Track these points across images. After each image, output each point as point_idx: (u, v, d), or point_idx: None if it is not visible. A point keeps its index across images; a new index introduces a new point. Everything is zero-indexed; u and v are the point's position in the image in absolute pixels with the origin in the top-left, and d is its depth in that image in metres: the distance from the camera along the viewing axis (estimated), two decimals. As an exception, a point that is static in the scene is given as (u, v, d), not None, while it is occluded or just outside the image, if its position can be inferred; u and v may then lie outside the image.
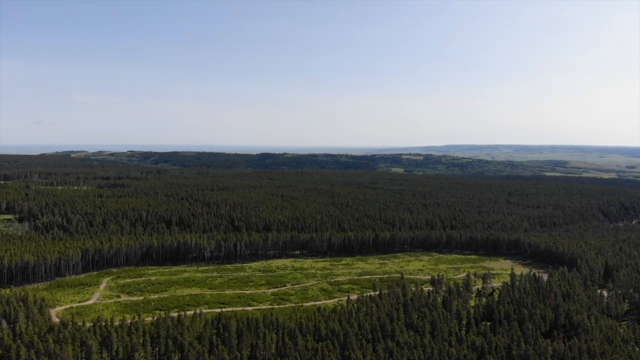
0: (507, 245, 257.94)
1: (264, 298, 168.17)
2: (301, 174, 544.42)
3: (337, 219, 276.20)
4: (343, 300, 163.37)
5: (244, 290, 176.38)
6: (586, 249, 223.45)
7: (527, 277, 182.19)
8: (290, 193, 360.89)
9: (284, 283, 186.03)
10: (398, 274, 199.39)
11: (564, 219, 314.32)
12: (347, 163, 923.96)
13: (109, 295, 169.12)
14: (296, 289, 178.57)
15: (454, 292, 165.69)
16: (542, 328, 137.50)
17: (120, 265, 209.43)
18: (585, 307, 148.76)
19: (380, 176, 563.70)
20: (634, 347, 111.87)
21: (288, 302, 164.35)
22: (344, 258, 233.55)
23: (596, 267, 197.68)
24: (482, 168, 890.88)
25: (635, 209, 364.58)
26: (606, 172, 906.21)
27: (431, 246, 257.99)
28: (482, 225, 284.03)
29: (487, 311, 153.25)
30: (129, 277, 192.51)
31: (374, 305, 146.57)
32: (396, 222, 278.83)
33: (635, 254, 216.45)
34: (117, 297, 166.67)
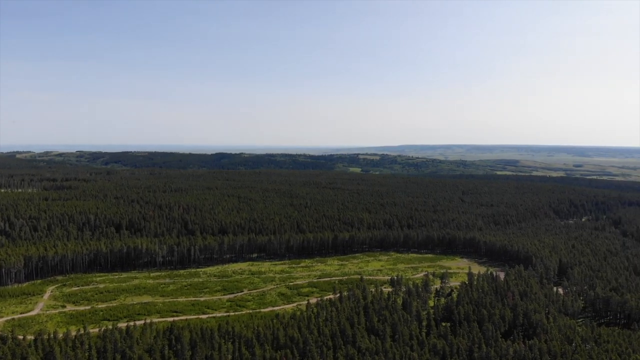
0: (463, 244, 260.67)
1: (219, 305, 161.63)
2: (258, 175, 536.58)
3: (295, 220, 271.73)
4: (302, 304, 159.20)
5: (198, 297, 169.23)
6: (540, 247, 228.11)
7: (485, 276, 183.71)
8: (247, 194, 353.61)
9: (240, 288, 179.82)
10: (357, 275, 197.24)
11: (516, 217, 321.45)
12: (305, 163, 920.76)
13: (54, 305, 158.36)
14: (253, 295, 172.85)
15: (413, 293, 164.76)
16: (501, 328, 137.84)
17: (66, 272, 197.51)
18: (543, 306, 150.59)
19: (339, 176, 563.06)
20: (593, 346, 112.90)
21: (245, 308, 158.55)
22: (303, 260, 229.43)
23: (551, 265, 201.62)
24: (436, 167, 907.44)
25: (584, 207, 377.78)
26: (555, 170, 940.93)
27: (389, 246, 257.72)
28: (438, 224, 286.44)
29: (446, 312, 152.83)
30: (75, 285, 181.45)
31: (334, 310, 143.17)
32: (355, 222, 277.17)
33: (587, 252, 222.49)
34: (62, 307, 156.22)
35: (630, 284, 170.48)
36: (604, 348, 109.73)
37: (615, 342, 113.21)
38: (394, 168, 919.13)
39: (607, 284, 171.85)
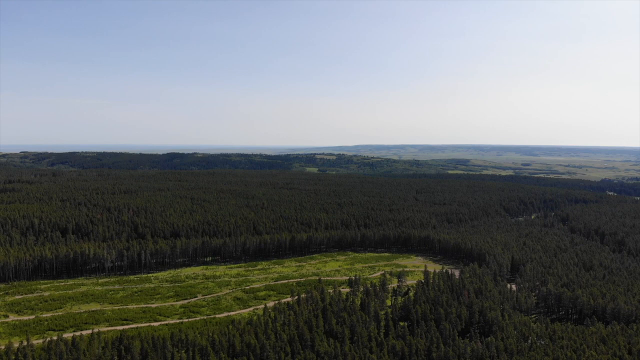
0: (418, 242, 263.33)
1: (172, 311, 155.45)
2: (213, 175, 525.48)
3: (252, 222, 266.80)
4: (259, 309, 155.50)
5: (150, 304, 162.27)
6: (493, 245, 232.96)
7: (440, 274, 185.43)
8: (201, 195, 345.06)
9: (194, 294, 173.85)
10: (316, 276, 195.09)
11: (469, 215, 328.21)
12: (261, 163, 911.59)
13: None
14: (208, 300, 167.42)
15: (371, 293, 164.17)
16: (458, 327, 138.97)
17: (8, 280, 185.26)
18: (498, 303, 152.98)
19: (296, 176, 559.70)
20: (548, 343, 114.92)
21: (199, 314, 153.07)
22: (260, 262, 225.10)
23: (504, 262, 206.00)
24: (391, 167, 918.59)
25: (533, 204, 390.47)
26: (504, 169, 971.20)
27: (347, 245, 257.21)
28: (394, 223, 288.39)
29: (404, 311, 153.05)
30: (18, 293, 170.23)
31: (292, 313, 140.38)
32: (312, 222, 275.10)
33: (538, 248, 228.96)
34: (4, 317, 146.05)
35: (580, 279, 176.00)
36: (559, 344, 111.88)
37: (570, 338, 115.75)
38: (350, 168, 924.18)
39: (558, 280, 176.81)
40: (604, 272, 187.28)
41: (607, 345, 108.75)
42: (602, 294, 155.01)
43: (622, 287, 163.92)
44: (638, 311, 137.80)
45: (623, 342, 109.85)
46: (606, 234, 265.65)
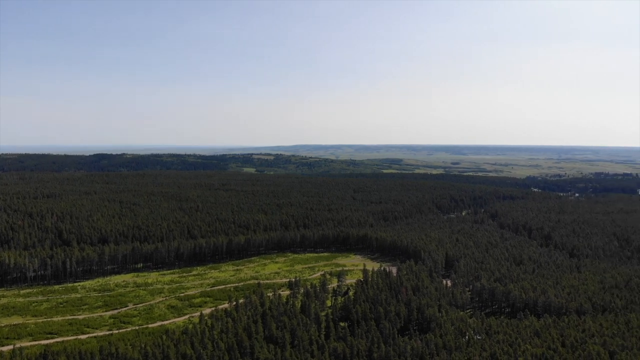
0: (356, 241, 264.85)
1: (101, 323, 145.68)
2: (143, 177, 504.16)
3: (185, 225, 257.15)
4: (195, 316, 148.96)
5: (77, 315, 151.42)
6: (427, 241, 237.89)
7: (379, 272, 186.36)
8: (131, 198, 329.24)
9: (124, 303, 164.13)
10: (254, 280, 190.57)
11: (404, 213, 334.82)
12: (195, 163, 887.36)
13: None
14: (140, 309, 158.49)
15: (311, 294, 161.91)
16: (397, 325, 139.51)
17: None
18: (435, 300, 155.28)
19: (232, 177, 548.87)
20: (485, 338, 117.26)
21: (130, 325, 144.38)
22: (195, 268, 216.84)
23: (438, 258, 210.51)
24: (328, 167, 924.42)
25: (463, 201, 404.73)
26: (435, 168, 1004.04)
27: (286, 247, 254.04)
28: (332, 222, 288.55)
29: (344, 311, 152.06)
30: None
31: (230, 320, 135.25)
32: (250, 224, 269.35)
33: (470, 244, 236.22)
34: None
35: (512, 273, 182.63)
36: (495, 339, 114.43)
37: (505, 332, 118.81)
38: (289, 168, 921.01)
39: (491, 274, 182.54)
40: (533, 266, 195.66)
41: (541, 338, 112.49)
42: (533, 288, 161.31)
43: (551, 280, 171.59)
44: (568, 304, 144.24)
45: (556, 335, 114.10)
46: (533, 229, 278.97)
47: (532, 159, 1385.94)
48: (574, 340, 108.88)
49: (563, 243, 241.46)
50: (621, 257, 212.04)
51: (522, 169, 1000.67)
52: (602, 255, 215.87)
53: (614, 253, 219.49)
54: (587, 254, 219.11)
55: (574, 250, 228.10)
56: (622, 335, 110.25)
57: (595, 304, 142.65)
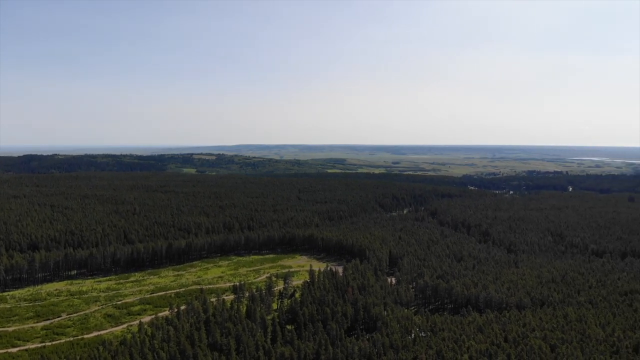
0: (302, 241, 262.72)
1: (32, 335, 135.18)
2: (76, 179, 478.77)
3: (122, 230, 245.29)
4: (134, 325, 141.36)
5: (6, 327, 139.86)
6: (372, 240, 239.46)
7: (325, 272, 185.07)
8: (63, 202, 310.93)
9: (58, 313, 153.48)
10: (197, 285, 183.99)
11: (348, 212, 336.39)
12: (132, 164, 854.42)
13: None
14: (74, 319, 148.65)
15: (257, 298, 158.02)
16: (344, 325, 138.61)
17: None
18: (381, 298, 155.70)
19: (171, 178, 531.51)
20: (430, 335, 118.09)
21: (64, 336, 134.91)
22: (133, 274, 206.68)
23: (383, 256, 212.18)
24: (273, 167, 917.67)
25: (404, 200, 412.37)
26: (377, 167, 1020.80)
27: (230, 249, 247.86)
28: (278, 223, 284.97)
29: (291, 314, 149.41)
30: None
31: (172, 328, 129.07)
32: (192, 227, 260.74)
33: (413, 242, 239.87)
34: None
35: (453, 270, 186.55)
36: (441, 336, 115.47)
37: (450, 329, 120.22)
38: (232, 168, 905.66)
39: (433, 271, 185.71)
40: (473, 262, 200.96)
41: (484, 334, 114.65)
42: (474, 284, 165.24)
43: (491, 276, 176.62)
44: (508, 299, 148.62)
45: (499, 330, 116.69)
46: (472, 225, 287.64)
47: (468, 158, 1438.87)
48: (516, 335, 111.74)
49: (500, 239, 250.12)
50: (556, 252, 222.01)
51: (458, 168, 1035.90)
52: (538, 251, 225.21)
53: (549, 248, 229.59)
54: (524, 249, 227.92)
55: (511, 246, 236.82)
56: (561, 328, 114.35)
57: (534, 298, 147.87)
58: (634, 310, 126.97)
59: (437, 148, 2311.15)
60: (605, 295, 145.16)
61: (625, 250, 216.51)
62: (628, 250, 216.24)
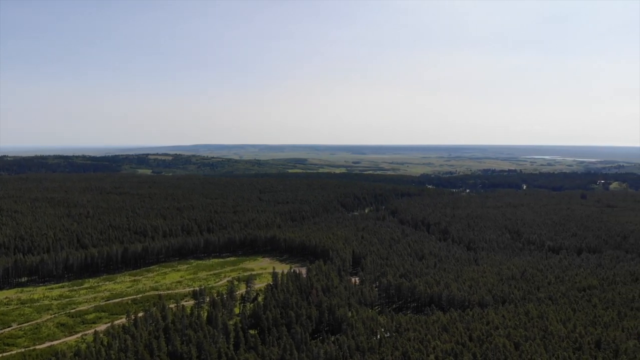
0: (264, 243, 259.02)
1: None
2: (26, 181, 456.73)
3: (75, 234, 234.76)
4: (89, 334, 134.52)
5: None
6: (335, 240, 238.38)
7: (289, 275, 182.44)
8: (11, 205, 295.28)
9: (7, 323, 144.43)
10: (155, 291, 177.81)
11: (311, 212, 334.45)
12: (84, 165, 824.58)
13: None
14: (25, 329, 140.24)
15: (218, 303, 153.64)
16: (309, 328, 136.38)
17: None
18: (345, 299, 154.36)
19: (126, 179, 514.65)
20: (396, 336, 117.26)
21: (15, 347, 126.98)
22: (87, 280, 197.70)
23: (346, 256, 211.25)
24: (232, 167, 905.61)
25: (365, 199, 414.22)
26: (338, 167, 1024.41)
27: (189, 253, 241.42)
28: (239, 225, 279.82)
29: (254, 318, 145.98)
30: None
31: (129, 337, 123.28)
32: (148, 230, 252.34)
33: (375, 241, 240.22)
34: None
35: (415, 269, 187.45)
36: (406, 337, 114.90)
37: (415, 329, 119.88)
38: (189, 168, 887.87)
39: (396, 270, 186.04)
40: (434, 261, 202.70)
41: (449, 333, 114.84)
42: (436, 282, 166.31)
43: (453, 274, 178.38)
44: (470, 297, 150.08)
45: (463, 329, 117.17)
46: (431, 224, 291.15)
47: (425, 158, 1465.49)
48: (480, 334, 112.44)
49: (460, 237, 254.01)
50: (514, 249, 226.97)
51: (416, 167, 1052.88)
52: (497, 248, 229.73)
53: (507, 245, 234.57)
54: (483, 246, 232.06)
55: (470, 243, 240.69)
56: (524, 326, 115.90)
57: (496, 295, 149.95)
58: (593, 305, 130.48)
59: (395, 148, 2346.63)
60: (564, 292, 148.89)
61: (581, 246, 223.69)
62: (583, 246, 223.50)
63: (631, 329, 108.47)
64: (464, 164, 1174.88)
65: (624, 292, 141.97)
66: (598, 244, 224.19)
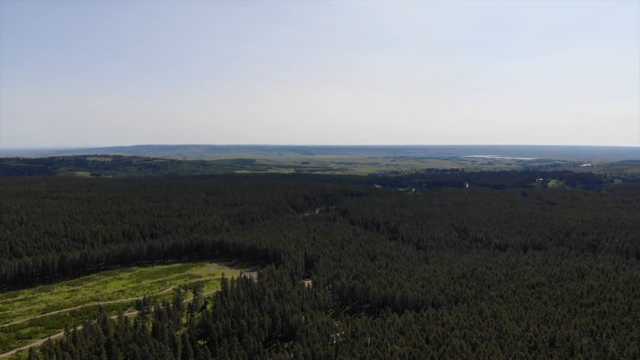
0: (212, 248, 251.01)
1: None
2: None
3: (7, 241, 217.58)
4: (24, 351, 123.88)
5: None
6: (286, 243, 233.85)
7: (239, 281, 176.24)
8: None
9: None
10: (95, 302, 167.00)
11: (260, 215, 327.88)
12: (18, 168, 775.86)
13: None
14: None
15: (164, 313, 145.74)
16: (262, 337, 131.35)
17: None
18: (299, 304, 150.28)
19: (63, 182, 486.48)
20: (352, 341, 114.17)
21: None
22: (21, 291, 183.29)
23: (298, 259, 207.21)
24: (176, 168, 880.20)
25: (315, 200, 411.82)
26: (286, 167, 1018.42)
27: (131, 260, 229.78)
28: (184, 229, 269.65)
29: (203, 328, 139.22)
30: None
31: (67, 354, 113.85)
32: (87, 237, 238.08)
33: (327, 242, 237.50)
34: None
35: (368, 269, 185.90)
36: (363, 342, 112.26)
37: (371, 333, 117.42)
38: (130, 170, 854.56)
39: (349, 272, 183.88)
40: (386, 261, 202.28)
41: (405, 336, 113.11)
42: (389, 283, 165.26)
43: (405, 273, 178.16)
44: (423, 297, 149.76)
45: (419, 331, 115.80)
46: (381, 223, 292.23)
47: (372, 158, 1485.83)
48: (437, 336, 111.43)
49: (409, 236, 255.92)
50: (462, 247, 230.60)
51: (364, 167, 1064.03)
52: (445, 246, 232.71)
53: (455, 243, 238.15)
54: (432, 245, 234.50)
55: (419, 242, 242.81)
56: (479, 326, 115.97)
57: (448, 295, 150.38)
58: (544, 303, 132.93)
59: (342, 148, 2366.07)
60: (514, 289, 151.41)
61: (526, 243, 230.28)
62: (528, 243, 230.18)
63: (583, 326, 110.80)
64: (409, 163, 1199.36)
65: (572, 288, 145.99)
66: (542, 241, 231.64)
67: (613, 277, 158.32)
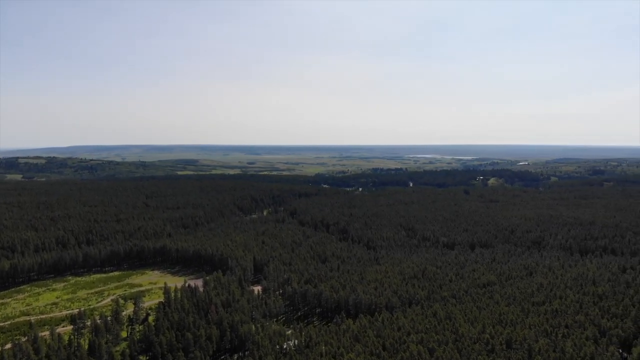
0: (153, 254, 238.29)
1: None
2: None
3: None
4: None
5: None
6: (234, 247, 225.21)
7: (183, 290, 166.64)
8: None
9: None
10: (25, 316, 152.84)
11: (205, 218, 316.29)
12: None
13: None
14: None
15: (101, 328, 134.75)
16: (210, 350, 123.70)
17: None
18: (248, 313, 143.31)
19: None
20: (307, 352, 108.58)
21: None
22: None
23: (247, 265, 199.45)
24: (114, 170, 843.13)
25: (263, 201, 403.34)
26: (232, 168, 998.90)
27: (65, 269, 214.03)
28: (123, 235, 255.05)
29: (145, 343, 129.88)
30: None
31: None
32: (17, 245, 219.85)
33: (277, 245, 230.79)
34: None
35: (319, 272, 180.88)
36: (318, 351, 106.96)
37: (326, 341, 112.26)
38: (65, 172, 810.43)
39: (301, 276, 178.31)
40: (337, 262, 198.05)
41: (361, 343, 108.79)
42: (342, 286, 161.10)
43: (357, 275, 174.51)
44: (377, 299, 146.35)
45: (374, 337, 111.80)
46: (331, 224, 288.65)
47: (318, 158, 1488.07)
48: (394, 341, 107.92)
49: (359, 236, 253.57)
50: (410, 246, 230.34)
51: (311, 167, 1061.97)
52: (394, 246, 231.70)
53: (404, 243, 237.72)
54: (382, 245, 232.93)
55: (369, 242, 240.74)
56: (434, 329, 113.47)
57: (402, 296, 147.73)
58: (496, 302, 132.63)
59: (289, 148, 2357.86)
60: (466, 289, 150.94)
61: (473, 241, 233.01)
62: (475, 241, 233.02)
63: (537, 325, 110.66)
64: (355, 163, 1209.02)
65: (522, 286, 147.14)
66: (489, 239, 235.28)
67: (561, 274, 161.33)
